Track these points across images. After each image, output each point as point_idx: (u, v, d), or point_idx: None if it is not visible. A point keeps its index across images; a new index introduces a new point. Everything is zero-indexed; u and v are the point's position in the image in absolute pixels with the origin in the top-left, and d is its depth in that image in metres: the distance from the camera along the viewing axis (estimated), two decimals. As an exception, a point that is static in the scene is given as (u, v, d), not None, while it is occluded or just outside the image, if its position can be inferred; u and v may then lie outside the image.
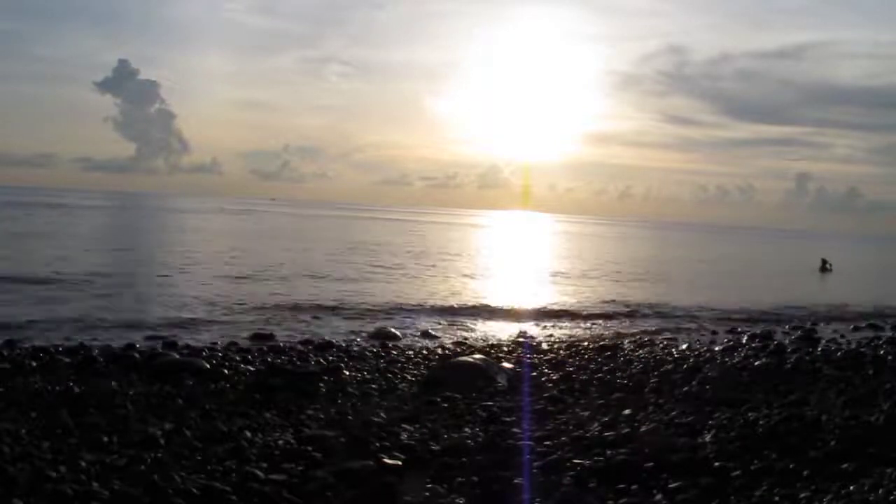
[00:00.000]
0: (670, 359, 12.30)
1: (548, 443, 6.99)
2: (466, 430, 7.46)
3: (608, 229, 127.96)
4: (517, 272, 33.68)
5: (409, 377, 10.27)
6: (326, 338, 13.47)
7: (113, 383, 8.85)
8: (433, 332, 15.13)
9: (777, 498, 5.53)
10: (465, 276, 29.03)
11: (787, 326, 18.47)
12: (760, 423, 7.34)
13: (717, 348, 13.88)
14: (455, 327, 16.21)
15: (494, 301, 20.67)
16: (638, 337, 15.50)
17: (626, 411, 8.22)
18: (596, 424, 7.63)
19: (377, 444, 6.68)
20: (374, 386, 9.59)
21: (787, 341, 15.32)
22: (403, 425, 7.41)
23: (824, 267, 42.85)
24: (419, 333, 15.01)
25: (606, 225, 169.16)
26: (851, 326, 19.21)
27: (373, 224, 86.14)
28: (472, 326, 16.50)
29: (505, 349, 13.17)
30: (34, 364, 9.88)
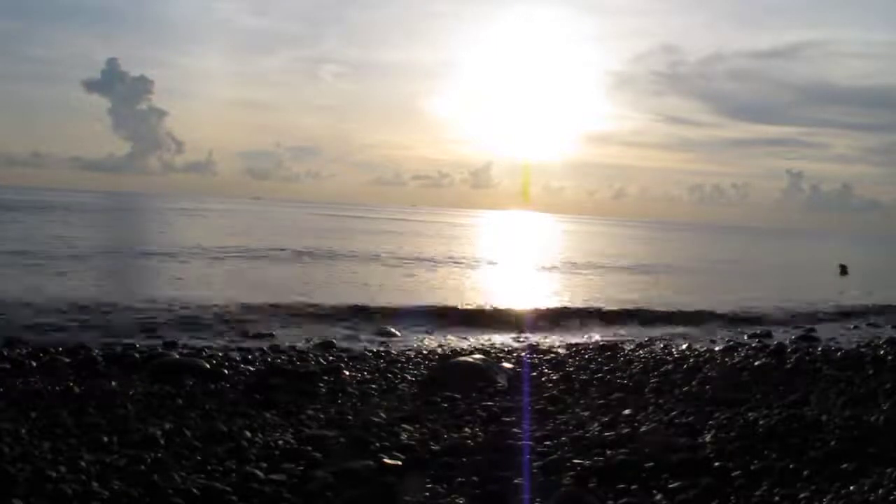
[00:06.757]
0: (670, 359, 12.29)
1: (548, 443, 6.99)
2: (466, 430, 7.45)
3: (606, 229, 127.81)
4: (518, 272, 33.66)
5: (409, 377, 10.27)
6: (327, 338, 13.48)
7: (113, 383, 8.85)
8: (433, 332, 15.12)
9: (777, 498, 5.53)
10: (465, 275, 29.02)
11: (787, 326, 18.47)
12: (760, 423, 7.33)
13: (717, 348, 13.86)
14: (455, 327, 16.19)
15: (495, 301, 20.63)
16: (638, 337, 15.50)
17: (626, 411, 8.22)
18: (596, 424, 7.63)
19: (377, 444, 6.67)
20: (374, 386, 9.59)
21: (787, 341, 15.32)
22: (403, 425, 7.40)
23: (844, 271, 40.48)
24: (419, 333, 15.00)
25: (604, 225, 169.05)
26: (853, 326, 19.24)
27: (371, 224, 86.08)
28: (473, 327, 16.47)
29: (505, 349, 13.17)
30: (34, 364, 9.89)
